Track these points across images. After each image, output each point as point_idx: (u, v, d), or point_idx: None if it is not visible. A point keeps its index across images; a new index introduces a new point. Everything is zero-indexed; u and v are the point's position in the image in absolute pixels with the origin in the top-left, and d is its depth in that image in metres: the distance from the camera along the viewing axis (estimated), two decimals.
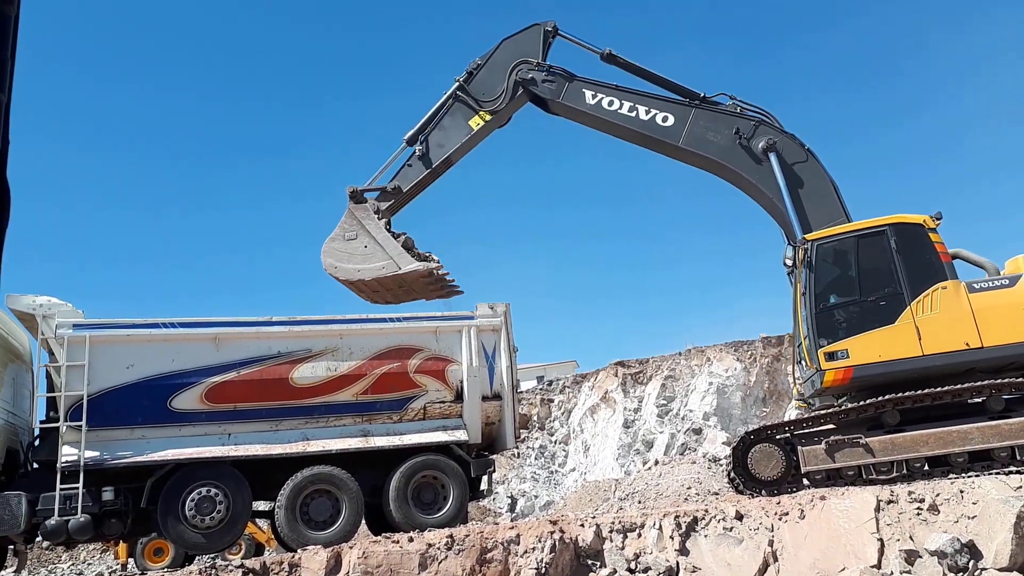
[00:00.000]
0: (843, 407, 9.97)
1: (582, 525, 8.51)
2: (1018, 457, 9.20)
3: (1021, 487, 8.17)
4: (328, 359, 9.63)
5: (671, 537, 8.21)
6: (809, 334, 10.04)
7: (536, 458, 27.83)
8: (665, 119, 11.65)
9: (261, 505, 9.96)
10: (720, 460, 16.87)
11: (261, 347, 9.50)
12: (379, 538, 8.12)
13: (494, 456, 10.80)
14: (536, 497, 24.74)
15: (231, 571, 7.37)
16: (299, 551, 7.84)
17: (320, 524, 9.14)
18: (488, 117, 11.89)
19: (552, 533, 8.12)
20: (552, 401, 30.72)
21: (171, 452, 8.86)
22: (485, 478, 10.28)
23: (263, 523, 16.30)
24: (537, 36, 12.13)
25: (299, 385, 9.47)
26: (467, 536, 7.89)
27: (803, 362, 10.57)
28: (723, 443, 21.56)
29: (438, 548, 7.69)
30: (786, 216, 10.88)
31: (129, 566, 17.11)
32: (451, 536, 7.84)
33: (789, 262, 10.51)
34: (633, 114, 11.72)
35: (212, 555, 13.32)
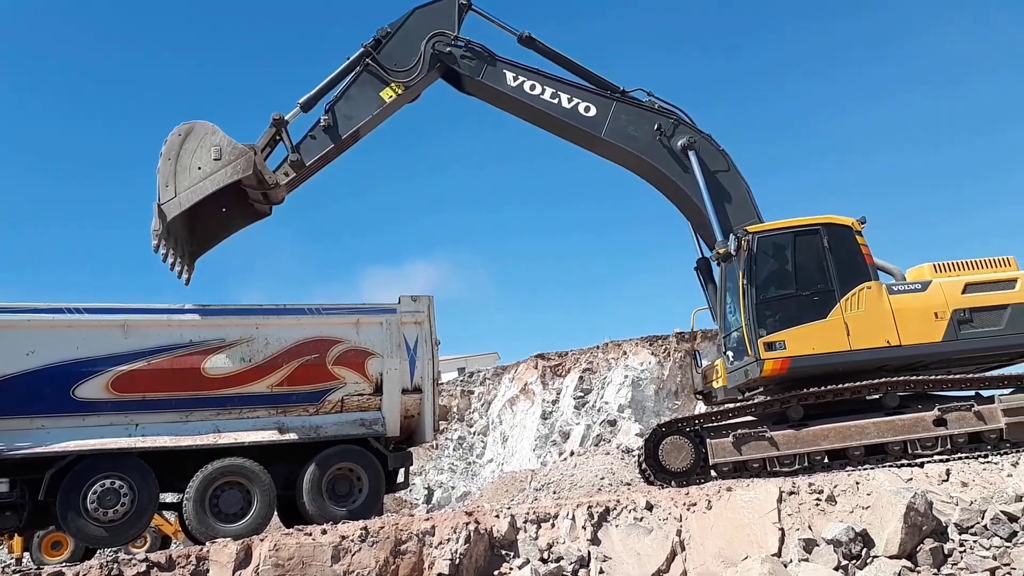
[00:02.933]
0: (750, 402, 10.36)
1: (497, 516, 8.59)
2: (909, 451, 9.75)
3: (911, 479, 8.68)
4: (242, 349, 9.42)
5: (583, 527, 8.38)
6: (749, 323, 10.20)
7: (454, 449, 27.86)
8: (587, 109, 11.44)
9: (168, 497, 9.67)
10: (633, 451, 17.27)
11: (172, 335, 9.21)
12: (291, 530, 8.01)
13: (412, 449, 10.78)
14: (453, 488, 24.81)
15: (134, 565, 7.16)
16: (208, 544, 7.66)
17: (230, 517, 8.95)
18: (401, 90, 11.16)
19: (467, 524, 8.18)
20: (472, 393, 30.79)
21: (73, 443, 8.52)
22: (402, 470, 10.25)
23: (171, 515, 15.86)
24: (452, 8, 11.56)
25: (211, 375, 9.23)
26: (381, 528, 7.87)
27: (732, 353, 10.81)
28: (636, 435, 22.04)
29: (352, 540, 7.65)
30: (704, 214, 11.09)
31: (24, 560, 16.36)
32: (365, 528, 7.80)
33: (721, 251, 10.60)
34: (556, 101, 11.43)
35: (115, 548, 12.87)
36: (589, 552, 8.13)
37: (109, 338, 8.94)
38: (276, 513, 9.65)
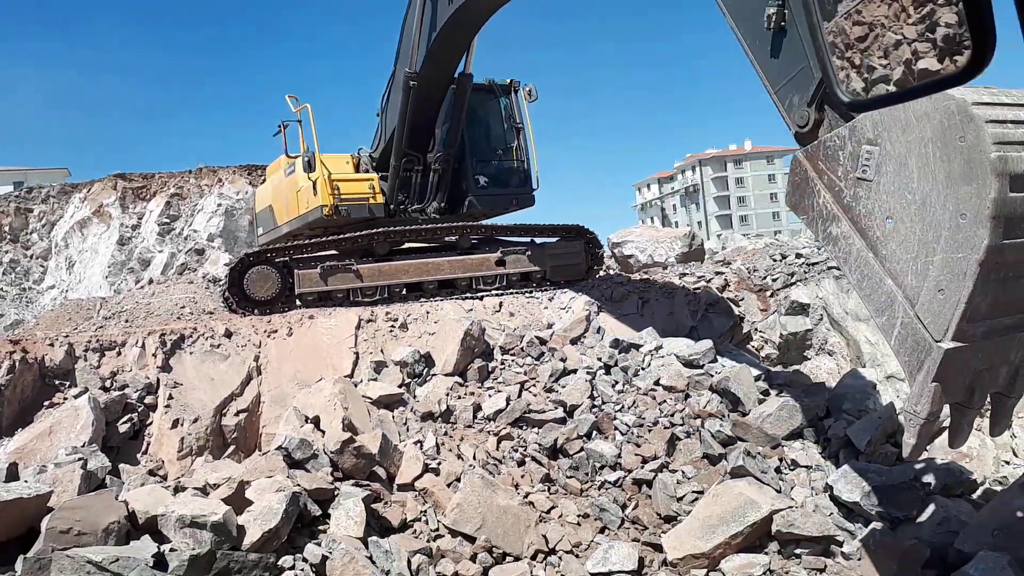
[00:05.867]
0: (342, 235, 10.61)
1: (51, 345, 7.79)
2: (474, 286, 10.96)
3: (472, 310, 9.83)
4: None
5: (154, 355, 8.02)
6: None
7: (5, 273, 24.21)
8: None
9: None
10: (221, 280, 16.68)
11: None
12: None
13: None
14: (1, 316, 21.70)
15: None
16: None
17: None
18: None
19: (12, 354, 7.30)
20: (31, 211, 26.68)
21: None
22: None
23: None
24: None
25: None
26: None
27: (489, 179, 11.70)
28: (225, 264, 21.30)
29: None
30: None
31: None
32: None
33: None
34: None
35: None
36: (159, 379, 7.85)
37: None
38: None
